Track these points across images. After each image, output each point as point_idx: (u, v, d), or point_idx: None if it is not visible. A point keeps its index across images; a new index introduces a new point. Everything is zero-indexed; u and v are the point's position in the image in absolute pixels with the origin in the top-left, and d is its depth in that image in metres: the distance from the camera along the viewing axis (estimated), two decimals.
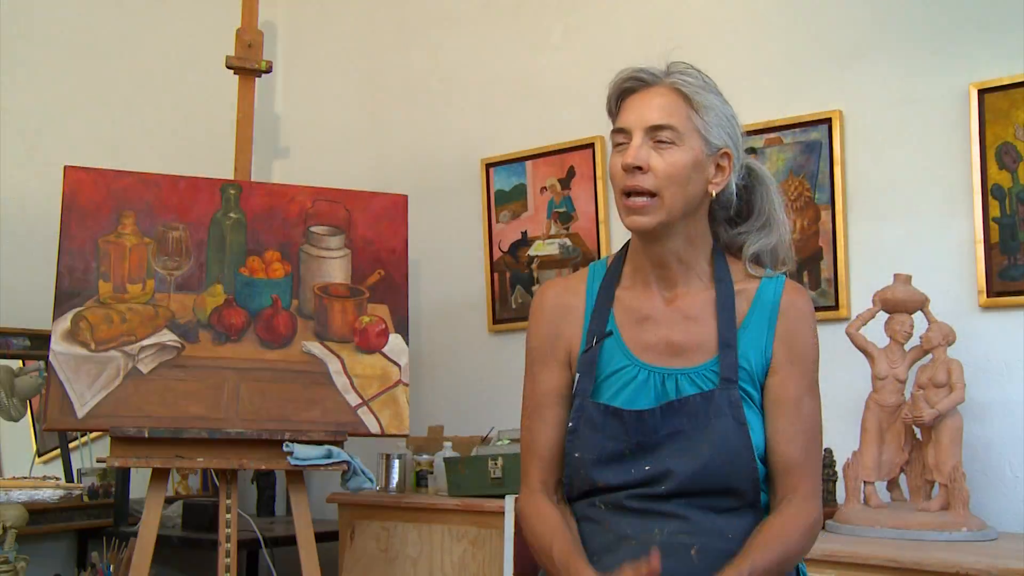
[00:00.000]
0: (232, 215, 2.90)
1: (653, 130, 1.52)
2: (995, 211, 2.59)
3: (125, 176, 2.83)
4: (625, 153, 1.53)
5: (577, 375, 1.59)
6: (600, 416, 1.53)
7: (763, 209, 1.63)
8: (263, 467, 2.75)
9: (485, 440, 3.13)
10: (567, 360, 1.62)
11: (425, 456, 3.18)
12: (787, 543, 1.47)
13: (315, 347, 2.86)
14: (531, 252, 3.42)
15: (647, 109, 1.53)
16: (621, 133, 1.56)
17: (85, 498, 3.26)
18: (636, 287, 1.62)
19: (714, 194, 1.56)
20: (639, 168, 1.51)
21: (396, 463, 3.14)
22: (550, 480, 1.59)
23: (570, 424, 1.56)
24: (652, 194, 1.51)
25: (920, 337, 2.50)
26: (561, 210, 3.37)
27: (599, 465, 1.53)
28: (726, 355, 1.53)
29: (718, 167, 1.56)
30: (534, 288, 3.40)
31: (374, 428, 2.83)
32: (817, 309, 1.65)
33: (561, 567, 1.48)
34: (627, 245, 1.66)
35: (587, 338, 1.60)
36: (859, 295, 2.77)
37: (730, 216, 1.65)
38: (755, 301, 1.57)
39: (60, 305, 2.69)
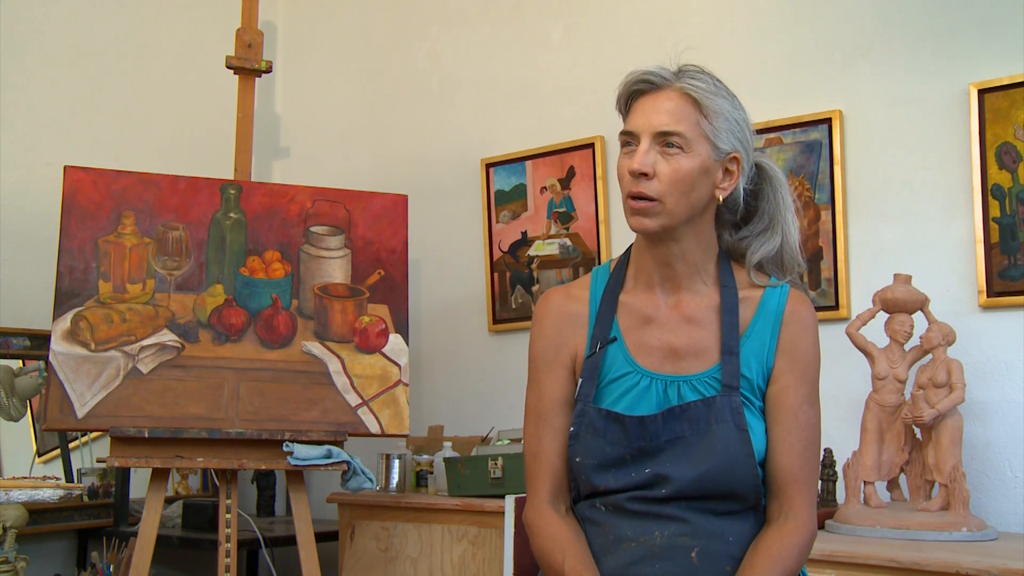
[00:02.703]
0: (232, 215, 2.90)
1: (661, 136, 1.50)
2: (995, 211, 2.59)
3: (125, 176, 2.83)
4: (632, 158, 1.51)
5: (580, 380, 1.58)
6: (601, 421, 1.53)
7: (766, 211, 1.62)
8: (263, 467, 2.75)
9: (485, 440, 3.13)
10: (572, 367, 1.61)
11: (425, 456, 3.18)
12: (787, 562, 1.47)
13: (315, 347, 2.86)
14: (531, 252, 3.42)
15: (655, 114, 1.51)
16: (629, 136, 1.54)
17: (85, 498, 3.26)
18: (639, 290, 1.61)
19: (721, 199, 1.55)
20: (644, 174, 1.50)
21: (396, 463, 3.14)
22: (559, 490, 1.58)
23: (572, 429, 1.56)
24: (655, 201, 1.50)
25: (920, 337, 2.50)
26: (561, 210, 3.37)
27: (600, 470, 1.52)
28: (728, 362, 1.52)
29: (726, 171, 1.55)
30: (534, 288, 3.40)
31: (374, 428, 2.83)
32: (817, 309, 1.64)
33: None
34: (630, 248, 1.66)
35: (591, 343, 1.59)
36: (859, 295, 2.78)
37: (736, 220, 1.64)
38: (759, 309, 1.57)
39: (60, 305, 2.69)
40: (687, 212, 1.52)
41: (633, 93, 1.56)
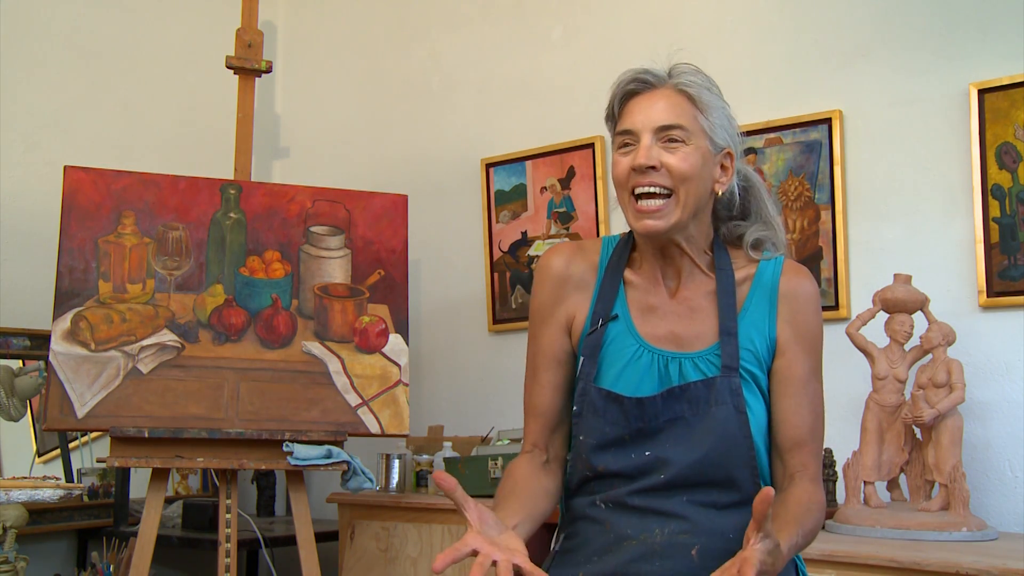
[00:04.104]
0: (232, 215, 2.90)
1: (662, 130, 1.51)
2: (995, 211, 2.59)
3: (125, 176, 2.83)
4: (636, 154, 1.52)
5: (581, 358, 1.59)
6: (601, 401, 1.54)
7: (759, 209, 1.65)
8: (263, 467, 2.75)
9: (485, 440, 3.13)
10: (567, 325, 1.63)
11: (425, 456, 3.18)
12: (817, 515, 1.48)
13: (315, 347, 2.86)
14: (531, 252, 3.42)
15: (654, 111, 1.52)
16: (627, 135, 1.54)
17: (85, 498, 3.26)
18: (643, 274, 1.62)
19: (720, 193, 1.58)
20: (652, 168, 1.50)
21: (396, 463, 3.14)
22: (541, 442, 1.62)
23: (575, 408, 1.58)
24: (667, 194, 1.51)
25: (920, 337, 2.50)
26: (561, 210, 3.37)
27: (599, 450, 1.54)
28: (727, 343, 1.53)
29: (722, 167, 1.57)
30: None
31: (374, 428, 2.83)
32: None
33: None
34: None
35: (592, 319, 1.60)
36: (859, 295, 2.78)
37: (731, 215, 1.66)
38: (754, 284, 1.58)
39: (60, 305, 2.69)
40: (695, 205, 1.53)
41: (626, 94, 1.57)
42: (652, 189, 1.50)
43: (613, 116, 1.60)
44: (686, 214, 1.52)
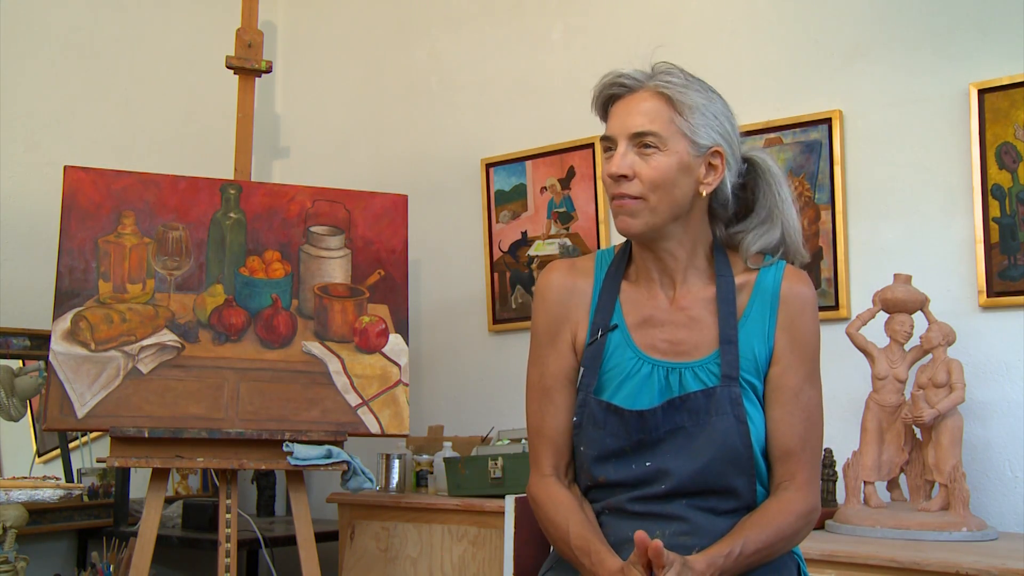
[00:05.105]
0: (232, 215, 2.90)
1: (636, 137, 1.52)
2: (995, 211, 2.59)
3: (125, 176, 2.83)
4: (610, 162, 1.54)
5: (582, 369, 1.59)
6: (602, 413, 1.54)
7: (764, 204, 1.62)
8: (263, 467, 2.75)
9: (485, 440, 3.13)
10: (572, 343, 1.62)
11: (425, 456, 3.18)
12: (781, 525, 1.48)
13: (315, 347, 2.86)
14: (531, 252, 3.42)
15: (629, 116, 1.54)
16: (608, 141, 1.57)
17: (85, 498, 3.26)
18: (640, 284, 1.62)
19: (704, 194, 1.56)
20: (624, 176, 1.52)
21: (396, 463, 3.14)
22: (561, 464, 1.61)
23: (575, 419, 1.57)
24: (638, 199, 1.52)
25: (920, 337, 2.50)
26: (561, 210, 3.37)
27: (600, 461, 1.54)
28: (727, 351, 1.53)
29: (710, 166, 1.55)
30: (534, 288, 3.40)
31: (374, 428, 2.83)
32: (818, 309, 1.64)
33: (580, 553, 1.48)
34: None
35: (592, 330, 1.60)
36: (859, 295, 2.78)
37: (729, 215, 1.64)
38: (755, 291, 1.57)
39: (60, 305, 2.68)
40: (671, 210, 1.53)
41: (610, 97, 1.59)
42: (625, 200, 1.52)
43: (602, 119, 1.62)
44: (660, 218, 1.53)
